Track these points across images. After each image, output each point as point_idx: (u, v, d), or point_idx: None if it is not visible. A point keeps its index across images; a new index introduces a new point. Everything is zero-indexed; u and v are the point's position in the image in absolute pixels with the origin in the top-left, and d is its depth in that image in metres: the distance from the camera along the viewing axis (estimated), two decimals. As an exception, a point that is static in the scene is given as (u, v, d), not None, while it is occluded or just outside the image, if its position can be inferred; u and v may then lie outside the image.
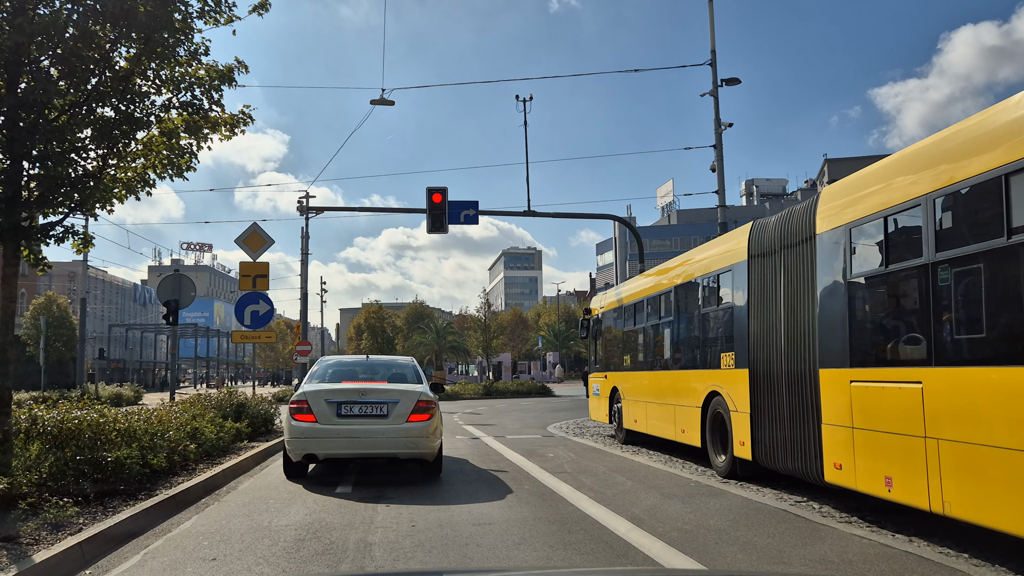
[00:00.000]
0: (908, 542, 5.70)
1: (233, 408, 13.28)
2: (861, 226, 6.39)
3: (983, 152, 4.91)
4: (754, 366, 8.36)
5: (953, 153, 5.26)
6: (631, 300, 13.58)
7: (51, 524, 5.66)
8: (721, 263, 9.51)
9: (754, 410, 8.34)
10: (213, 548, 5.64)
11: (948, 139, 5.40)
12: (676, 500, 7.62)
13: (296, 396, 8.90)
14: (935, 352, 5.31)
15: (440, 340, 60.31)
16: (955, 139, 5.32)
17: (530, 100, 25.98)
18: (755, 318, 8.38)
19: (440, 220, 22.25)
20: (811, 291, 7.17)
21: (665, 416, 11.44)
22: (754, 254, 8.53)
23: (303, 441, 8.63)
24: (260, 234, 17.62)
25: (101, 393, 31.13)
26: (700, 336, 10.26)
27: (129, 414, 8.82)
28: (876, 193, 6.18)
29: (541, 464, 10.49)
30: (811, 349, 7.11)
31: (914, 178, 5.65)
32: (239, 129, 7.25)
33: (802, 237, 7.38)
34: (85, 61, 6.39)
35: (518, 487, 8.44)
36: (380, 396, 8.75)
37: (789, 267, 7.67)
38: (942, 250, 5.29)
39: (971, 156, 5.02)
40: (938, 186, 5.34)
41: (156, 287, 17.04)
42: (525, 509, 7.17)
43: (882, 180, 6.16)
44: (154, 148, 7.13)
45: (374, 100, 22.64)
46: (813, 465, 7.05)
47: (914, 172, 5.69)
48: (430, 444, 8.76)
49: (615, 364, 14.71)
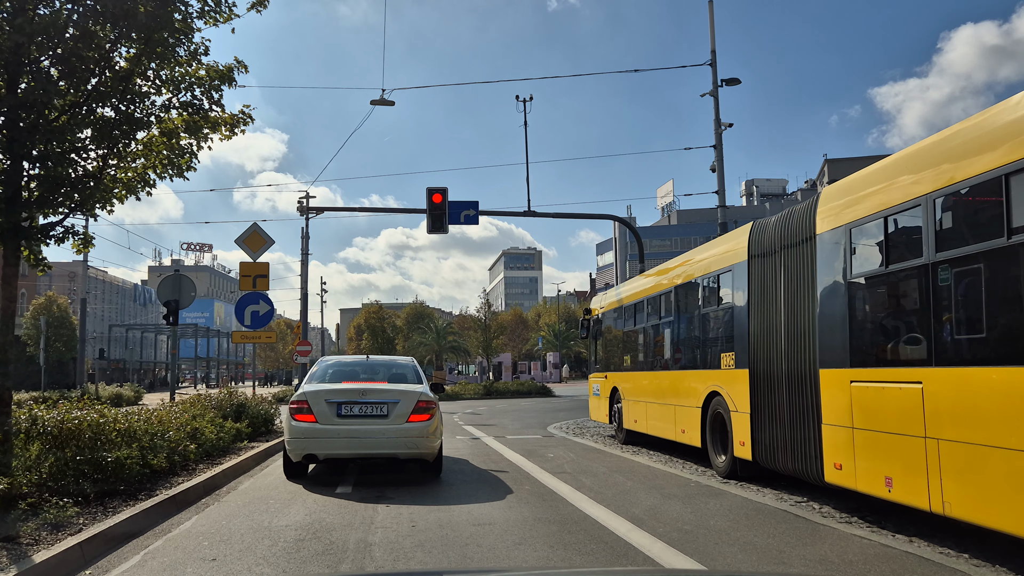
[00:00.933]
0: (908, 542, 5.70)
1: (233, 408, 13.29)
2: (861, 226, 6.38)
3: (983, 152, 4.90)
4: (754, 366, 8.36)
5: (953, 153, 5.26)
6: (631, 300, 13.58)
7: (51, 524, 5.66)
8: (721, 263, 9.51)
9: (754, 410, 8.34)
10: (213, 548, 5.64)
11: (948, 139, 5.40)
12: (676, 500, 7.62)
13: (296, 396, 8.90)
14: (935, 352, 5.31)
15: (440, 340, 60.30)
16: (955, 139, 5.31)
17: (530, 100, 26.00)
18: (755, 318, 8.38)
19: (440, 220, 22.24)
20: (811, 291, 7.17)
21: (665, 416, 11.44)
22: (754, 254, 8.53)
23: (303, 441, 8.63)
24: (260, 234, 17.63)
25: (101, 393, 31.09)
26: (700, 336, 10.26)
27: (129, 414, 8.82)
28: (876, 193, 6.18)
29: (541, 464, 10.49)
30: (811, 349, 7.11)
31: (914, 178, 5.65)
32: (239, 129, 7.25)
33: (802, 237, 7.38)
34: (85, 61, 6.39)
35: (518, 487, 8.44)
36: (380, 396, 8.75)
37: (789, 267, 7.67)
38: (942, 250, 5.28)
39: (971, 156, 5.02)
40: (938, 186, 5.34)
41: (156, 287, 17.03)
42: (525, 509, 7.16)
43: (882, 180, 6.16)
44: (154, 148, 7.13)
45: (374, 100, 22.64)
46: (813, 465, 7.04)
47: (914, 172, 5.69)
48: (430, 444, 8.76)
49: (615, 364, 14.71)
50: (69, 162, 6.38)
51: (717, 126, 22.25)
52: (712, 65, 21.94)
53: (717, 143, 22.31)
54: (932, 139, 5.67)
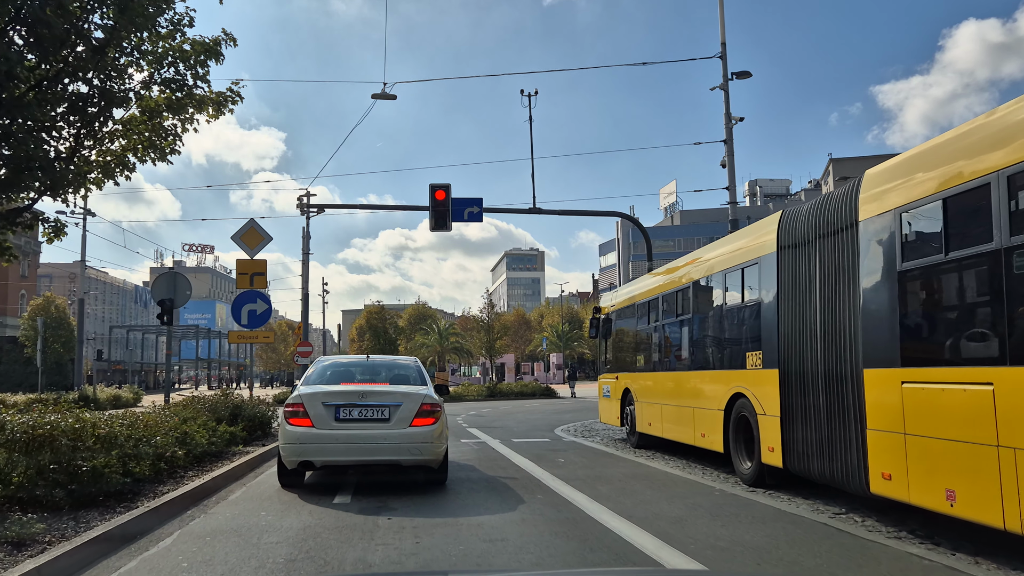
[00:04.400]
0: (974, 563, 5.07)
1: (228, 410, 12.69)
2: (915, 210, 5.75)
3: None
4: (785, 366, 7.73)
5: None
6: (645, 297, 12.95)
7: (11, 542, 5.05)
8: (747, 256, 8.88)
9: (785, 413, 7.72)
10: (193, 570, 5.03)
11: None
12: (704, 512, 7.00)
13: (291, 399, 8.28)
14: (1010, 349, 4.69)
15: (443, 341, 59.70)
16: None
17: (535, 95, 25.42)
18: (786, 314, 7.76)
19: (443, 217, 21.65)
20: (853, 284, 6.55)
21: (683, 419, 10.81)
22: (785, 245, 7.90)
23: (298, 447, 8.01)
24: (258, 230, 17.01)
25: (99, 395, 30.51)
26: (722, 334, 9.62)
27: (113, 418, 8.22)
28: (932, 173, 5.55)
29: (552, 470, 9.88)
30: (853, 347, 6.48)
31: (980, 154, 5.03)
32: (227, 109, 6.64)
33: (842, 225, 6.75)
34: (55, 30, 5.78)
35: (531, 497, 7.83)
36: (381, 399, 8.14)
37: (826, 258, 7.04)
38: (1018, 233, 4.66)
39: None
40: (1012, 161, 4.71)
41: (151, 286, 16.42)
42: (540, 522, 6.56)
43: (939, 159, 5.53)
44: (135, 129, 6.52)
45: (375, 94, 22.06)
46: (856, 474, 6.41)
47: (980, 147, 5.07)
48: (435, 450, 8.14)
49: (627, 365, 14.07)
50: (38, 141, 5.77)
51: (727, 120, 21.66)
52: (722, 58, 21.34)
53: (728, 138, 21.69)
54: (1001, 110, 5.04)
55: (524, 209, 23.57)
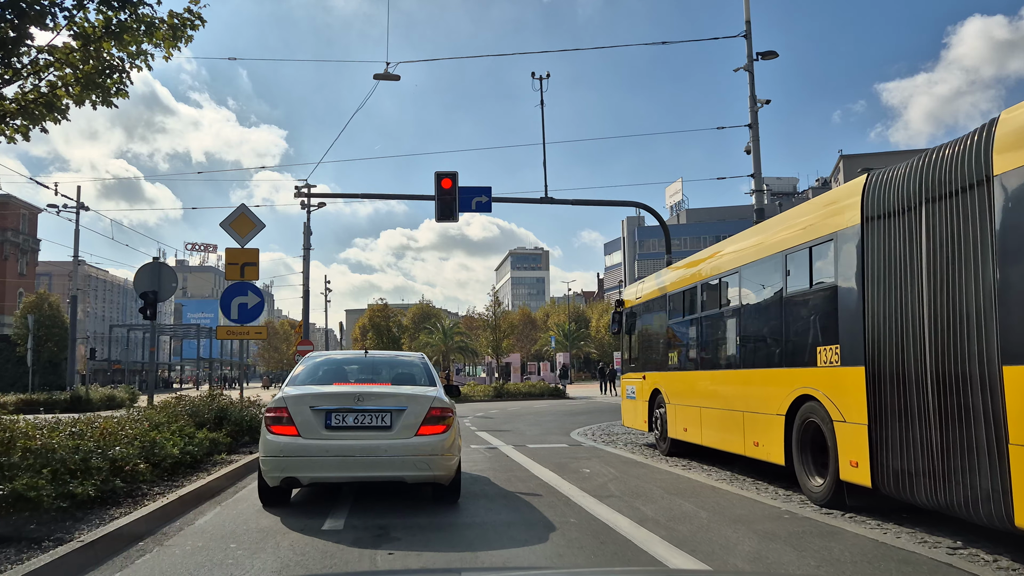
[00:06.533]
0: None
1: (212, 414, 11.32)
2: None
3: None
4: (875, 363, 6.32)
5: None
6: (679, 287, 11.52)
7: None
8: (816, 232, 7.46)
9: (875, 421, 6.30)
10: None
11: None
12: (781, 543, 5.60)
13: (273, 402, 6.89)
14: None
15: (448, 340, 58.26)
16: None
17: (547, 77, 24.06)
18: (876, 299, 6.34)
19: (450, 207, 20.33)
20: (982, 258, 5.13)
21: (729, 425, 9.40)
22: (872, 215, 6.48)
23: (281, 461, 6.61)
24: (249, 217, 15.63)
25: (92, 395, 29.19)
26: (783, 326, 8.18)
27: (58, 423, 6.85)
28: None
29: (579, 484, 8.49)
30: (985, 339, 5.06)
31: None
32: (184, 37, 5.25)
33: (965, 183, 5.33)
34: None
35: (562, 520, 6.43)
36: (382, 402, 6.75)
37: (939, 227, 5.61)
38: None
39: None
40: None
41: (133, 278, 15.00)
42: (581, 559, 5.19)
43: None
44: (69, 61, 5.12)
45: (378, 75, 20.70)
46: (991, 503, 4.99)
47: None
48: (446, 464, 6.75)
49: (656, 363, 12.65)
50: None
51: (752, 103, 20.37)
52: (747, 37, 20.05)
53: (752, 122, 20.41)
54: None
55: (536, 199, 22.21)
